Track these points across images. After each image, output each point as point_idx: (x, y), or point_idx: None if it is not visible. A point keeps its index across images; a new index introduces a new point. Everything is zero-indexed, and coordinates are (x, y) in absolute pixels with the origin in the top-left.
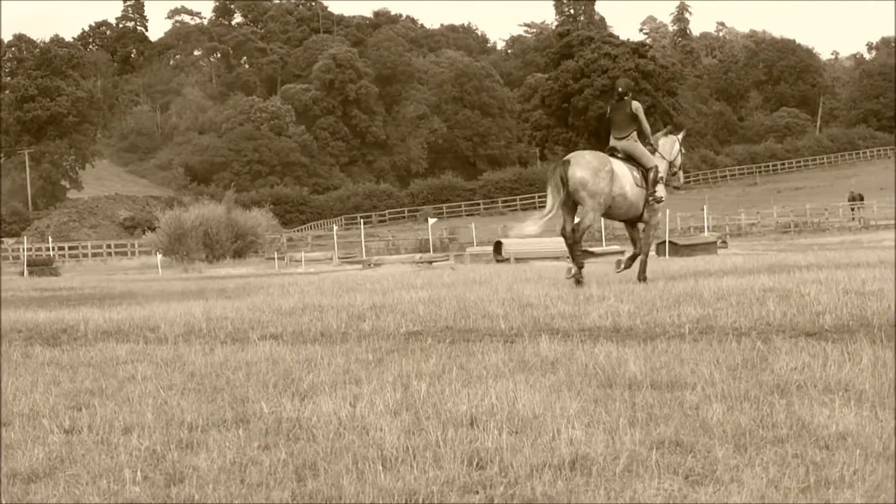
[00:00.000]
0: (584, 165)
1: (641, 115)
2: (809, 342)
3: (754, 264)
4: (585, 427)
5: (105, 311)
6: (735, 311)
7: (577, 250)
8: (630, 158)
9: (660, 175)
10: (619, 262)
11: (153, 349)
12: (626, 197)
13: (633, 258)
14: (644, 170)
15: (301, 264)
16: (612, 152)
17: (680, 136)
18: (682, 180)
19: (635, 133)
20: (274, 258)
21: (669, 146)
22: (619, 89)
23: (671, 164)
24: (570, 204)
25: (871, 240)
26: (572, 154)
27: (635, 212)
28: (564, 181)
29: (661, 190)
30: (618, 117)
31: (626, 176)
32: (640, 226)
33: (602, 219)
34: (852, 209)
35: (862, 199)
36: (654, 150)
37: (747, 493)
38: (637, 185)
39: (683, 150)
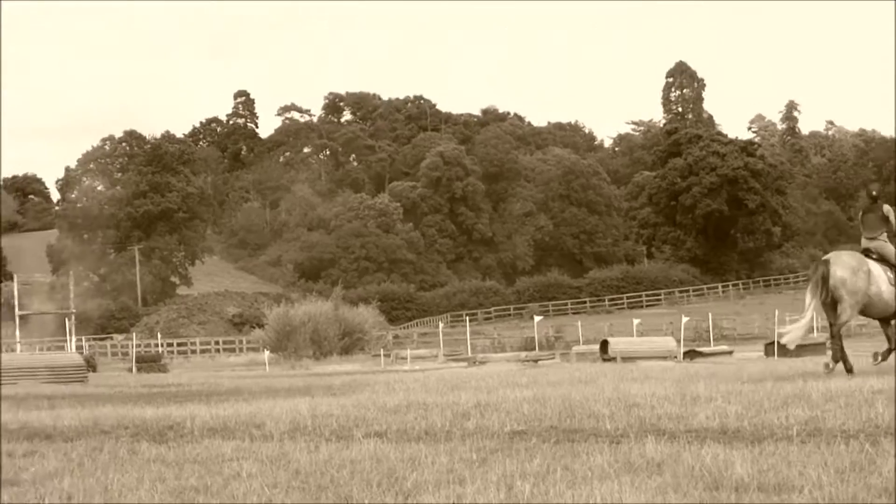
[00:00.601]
0: (843, 265)
1: (892, 218)
2: None
3: (862, 366)
4: None
5: (212, 408)
6: (843, 412)
7: (836, 345)
8: (882, 258)
9: None
10: (875, 355)
11: (258, 446)
12: (882, 296)
13: (888, 352)
14: (894, 268)
15: (407, 361)
16: (867, 253)
17: None
18: None
19: (885, 234)
20: (380, 355)
21: None
22: (873, 193)
23: None
24: (831, 302)
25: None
26: (831, 254)
27: (890, 310)
28: (826, 280)
29: None
30: (870, 219)
31: (881, 276)
32: (894, 322)
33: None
34: None
35: None
36: None
37: None
38: (891, 285)
39: None
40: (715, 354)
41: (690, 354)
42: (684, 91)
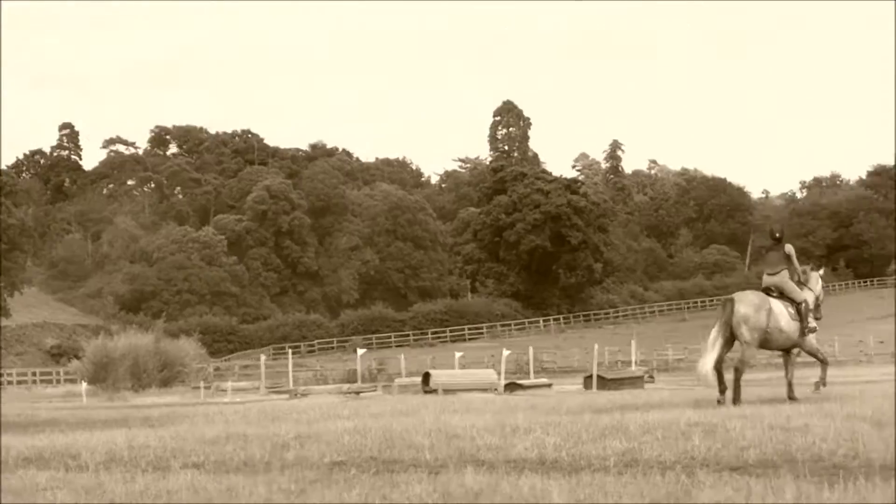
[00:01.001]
0: (747, 303)
1: (794, 256)
2: (734, 476)
3: (681, 399)
4: None
5: (27, 438)
6: (660, 444)
7: (738, 384)
8: (782, 294)
9: (809, 307)
10: (817, 385)
11: (73, 476)
12: (782, 330)
13: (822, 379)
14: (795, 304)
15: (227, 393)
16: (767, 290)
17: (821, 272)
18: (820, 312)
19: (785, 271)
20: (200, 387)
21: (815, 281)
22: (777, 234)
23: (817, 297)
24: (729, 337)
25: (799, 376)
26: (737, 294)
27: (790, 343)
28: (729, 317)
29: (812, 321)
30: (772, 256)
31: (782, 312)
32: (795, 351)
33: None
34: None
35: None
36: (802, 286)
37: None
38: (793, 319)
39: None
40: (535, 387)
41: (511, 387)
42: (511, 129)
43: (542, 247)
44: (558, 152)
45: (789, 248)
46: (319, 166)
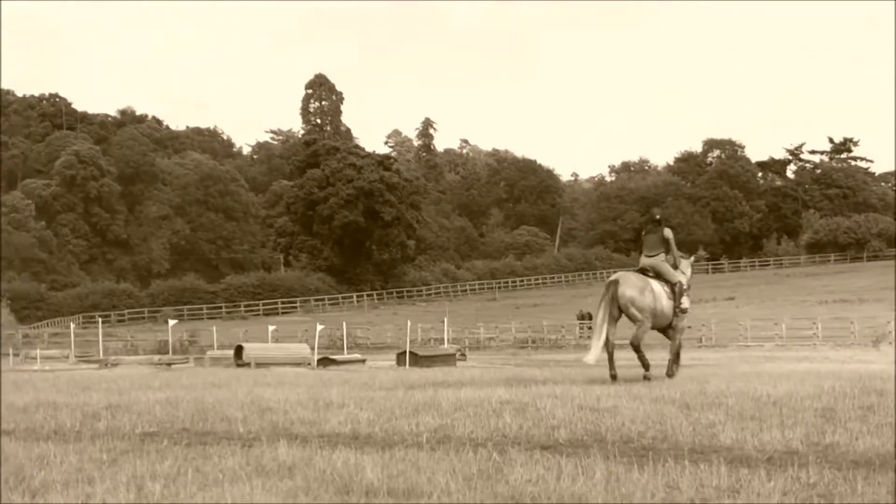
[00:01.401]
0: (631, 285)
1: (672, 240)
2: (544, 455)
3: (492, 377)
4: None
5: None
6: (472, 421)
7: (642, 356)
8: (658, 275)
9: (683, 288)
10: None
11: None
12: (664, 311)
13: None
14: (670, 284)
15: (36, 361)
16: (644, 271)
17: (692, 259)
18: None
19: (662, 254)
20: (9, 354)
21: (686, 266)
22: (657, 216)
23: (686, 282)
24: (616, 316)
25: (607, 359)
26: (619, 275)
27: (667, 322)
28: (615, 299)
29: (685, 301)
30: (651, 239)
31: (661, 293)
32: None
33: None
34: (581, 327)
35: (591, 317)
36: (676, 268)
37: None
38: (669, 299)
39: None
40: (348, 362)
41: (324, 362)
42: (323, 103)
43: (355, 222)
44: (371, 129)
45: (668, 232)
46: (129, 133)
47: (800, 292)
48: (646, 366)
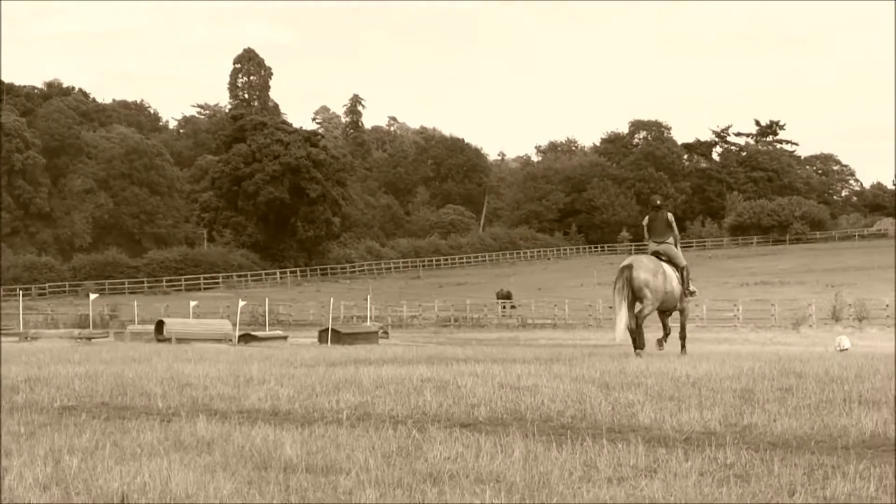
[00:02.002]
0: (645, 269)
1: (674, 223)
2: (464, 433)
3: (414, 355)
4: None
5: None
6: (393, 399)
7: (639, 336)
8: (670, 260)
9: (689, 272)
10: (659, 342)
11: None
12: (674, 293)
13: (666, 337)
14: (679, 268)
15: None
16: (657, 255)
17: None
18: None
19: (672, 238)
20: None
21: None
22: (658, 202)
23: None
24: (633, 300)
25: (528, 338)
26: (633, 259)
27: (675, 304)
28: (629, 282)
29: (692, 284)
30: (656, 225)
31: (672, 276)
32: (675, 314)
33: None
34: (503, 307)
35: (510, 296)
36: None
37: None
38: (679, 283)
39: None
40: (270, 339)
41: (245, 338)
42: (251, 78)
43: (280, 198)
44: (298, 104)
45: (670, 215)
46: (55, 105)
47: (722, 274)
48: (640, 345)
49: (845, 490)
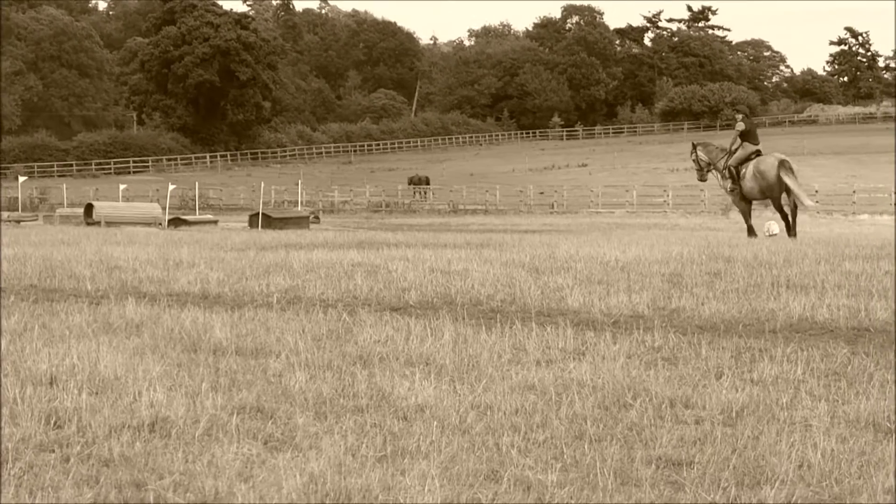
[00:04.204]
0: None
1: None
2: (394, 316)
3: (345, 240)
4: (167, 390)
5: None
6: (324, 283)
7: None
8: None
9: None
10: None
11: None
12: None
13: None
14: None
15: None
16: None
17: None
18: None
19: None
20: None
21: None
22: (746, 110)
23: None
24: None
25: (460, 223)
26: (780, 158)
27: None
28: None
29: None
30: (753, 129)
31: None
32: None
33: None
34: (415, 193)
35: (427, 182)
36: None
37: (325, 459)
38: None
39: None
40: (200, 223)
41: (175, 222)
42: None
43: (210, 81)
44: None
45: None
46: None
47: (653, 160)
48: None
49: (773, 373)
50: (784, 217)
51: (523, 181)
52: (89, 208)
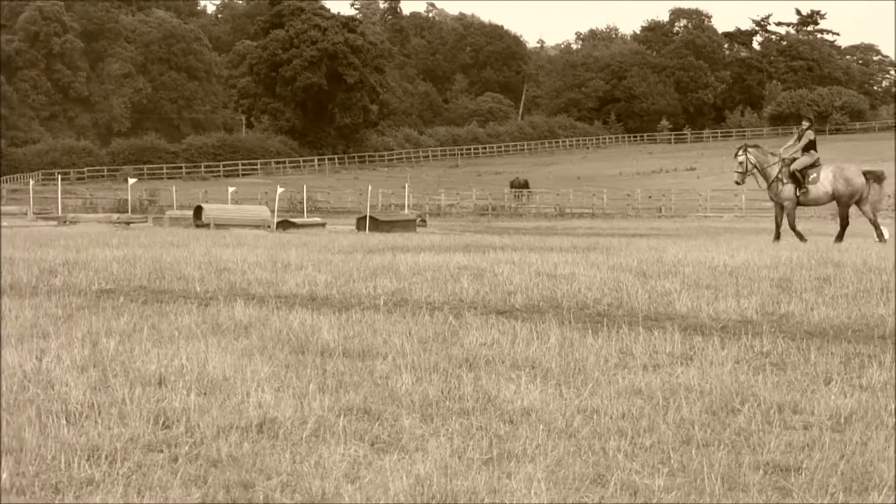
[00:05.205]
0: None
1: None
2: (500, 319)
3: (451, 243)
4: (275, 391)
5: None
6: (430, 286)
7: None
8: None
9: None
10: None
11: None
12: None
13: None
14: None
15: None
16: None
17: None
18: None
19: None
20: None
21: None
22: (811, 116)
23: None
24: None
25: (566, 227)
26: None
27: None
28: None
29: None
30: (815, 137)
31: None
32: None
33: None
34: (517, 196)
35: (527, 185)
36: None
37: (431, 461)
38: None
39: None
40: (308, 226)
41: (284, 225)
42: None
43: (318, 84)
44: None
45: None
46: None
47: None
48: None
49: (881, 379)
50: (845, 225)
51: (630, 185)
52: (198, 210)
